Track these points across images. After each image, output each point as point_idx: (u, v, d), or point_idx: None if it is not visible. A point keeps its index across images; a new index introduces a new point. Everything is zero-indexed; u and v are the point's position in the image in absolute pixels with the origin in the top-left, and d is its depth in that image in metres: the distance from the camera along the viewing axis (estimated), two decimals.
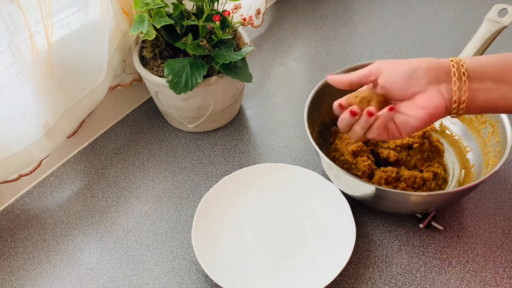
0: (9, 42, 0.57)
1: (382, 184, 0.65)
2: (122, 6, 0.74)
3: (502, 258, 0.62)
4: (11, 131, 0.64)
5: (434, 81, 0.47)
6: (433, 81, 0.47)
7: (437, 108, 0.47)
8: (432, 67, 0.48)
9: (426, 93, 0.47)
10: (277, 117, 0.85)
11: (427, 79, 0.47)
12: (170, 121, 0.84)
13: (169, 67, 0.70)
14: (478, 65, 0.48)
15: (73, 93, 0.72)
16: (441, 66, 0.48)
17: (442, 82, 0.48)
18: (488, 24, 0.67)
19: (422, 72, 0.47)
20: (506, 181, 0.71)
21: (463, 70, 0.47)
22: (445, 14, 1.06)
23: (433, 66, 0.48)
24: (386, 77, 0.49)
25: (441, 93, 0.47)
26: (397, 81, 0.48)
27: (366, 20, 1.07)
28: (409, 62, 0.49)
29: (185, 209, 0.71)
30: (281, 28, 1.06)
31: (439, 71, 0.48)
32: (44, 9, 0.62)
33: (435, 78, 0.47)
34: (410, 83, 0.48)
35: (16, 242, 0.68)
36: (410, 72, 0.48)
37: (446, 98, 0.47)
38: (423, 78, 0.47)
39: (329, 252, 0.63)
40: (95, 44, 0.71)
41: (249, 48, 0.74)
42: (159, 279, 0.63)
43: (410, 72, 0.48)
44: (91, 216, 0.71)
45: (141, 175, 0.77)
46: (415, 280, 0.61)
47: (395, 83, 0.48)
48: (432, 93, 0.47)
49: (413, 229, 0.66)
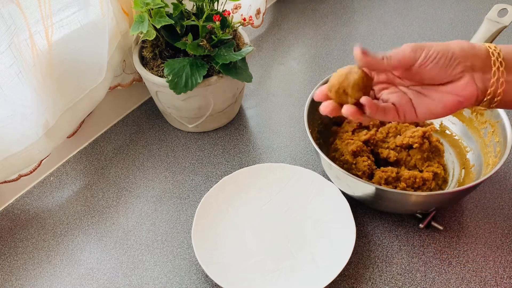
0: (9, 42, 0.57)
1: (382, 184, 0.65)
2: (122, 6, 0.74)
3: (502, 258, 0.62)
4: (11, 131, 0.64)
5: (469, 69, 0.44)
6: (468, 69, 0.44)
7: (469, 98, 0.44)
8: (468, 55, 0.44)
9: (460, 81, 0.44)
10: (277, 117, 0.85)
11: (462, 67, 0.44)
12: (170, 121, 0.84)
13: (169, 67, 0.70)
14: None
15: (73, 93, 0.72)
16: (477, 54, 0.45)
17: (477, 70, 0.44)
18: (488, 24, 0.68)
19: (458, 59, 0.44)
20: (506, 181, 0.71)
21: (500, 59, 0.44)
22: (445, 14, 1.07)
23: (469, 53, 0.44)
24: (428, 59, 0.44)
25: (475, 82, 0.44)
26: (433, 69, 0.44)
27: (366, 20, 1.07)
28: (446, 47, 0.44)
29: (185, 209, 0.71)
30: (281, 28, 1.06)
31: (475, 59, 0.44)
32: (44, 9, 0.62)
33: (470, 66, 0.44)
34: (446, 72, 0.44)
35: (16, 242, 0.68)
36: (447, 57, 0.44)
37: (480, 88, 0.44)
38: (459, 66, 0.44)
39: (329, 252, 0.63)
40: (95, 44, 0.71)
41: (249, 48, 0.74)
42: (159, 279, 0.63)
43: (447, 61, 0.44)
44: (91, 216, 0.71)
45: (141, 175, 0.77)
46: (415, 280, 0.61)
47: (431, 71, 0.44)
48: (466, 81, 0.44)
49: (413, 229, 0.66)
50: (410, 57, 0.44)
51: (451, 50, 0.44)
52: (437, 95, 0.45)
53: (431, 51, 0.44)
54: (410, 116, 0.46)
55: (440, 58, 0.43)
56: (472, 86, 0.44)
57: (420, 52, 0.44)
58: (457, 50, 0.44)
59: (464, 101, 0.44)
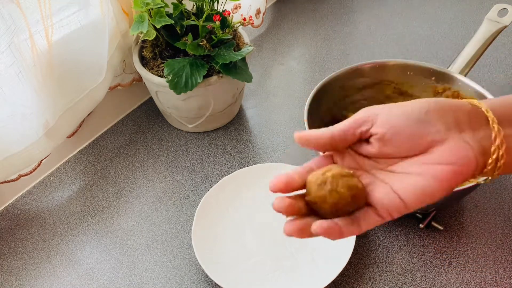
0: (9, 42, 0.57)
1: None
2: (122, 6, 0.74)
3: (503, 258, 0.62)
4: (11, 131, 0.64)
5: (454, 126, 0.33)
6: (452, 126, 0.33)
7: (466, 163, 0.33)
8: (446, 108, 0.34)
9: (446, 143, 0.33)
10: (277, 117, 0.85)
11: (443, 124, 0.33)
12: (170, 121, 0.84)
13: (169, 67, 0.70)
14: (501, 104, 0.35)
15: (73, 93, 0.72)
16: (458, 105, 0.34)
17: (464, 127, 0.33)
18: (488, 24, 0.68)
19: (435, 113, 0.33)
20: (507, 181, 0.71)
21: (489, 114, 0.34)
22: (445, 14, 1.06)
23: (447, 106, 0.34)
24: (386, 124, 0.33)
25: (467, 142, 0.33)
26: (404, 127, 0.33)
27: (366, 20, 1.07)
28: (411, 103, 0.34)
29: (185, 209, 0.71)
30: (281, 28, 1.06)
31: (458, 112, 0.34)
32: (44, 9, 0.62)
33: (454, 122, 0.33)
34: (423, 129, 0.33)
35: (16, 242, 0.68)
36: (420, 113, 0.33)
37: (475, 149, 0.33)
38: (439, 122, 0.33)
39: (329, 252, 0.63)
40: (95, 44, 0.71)
41: (249, 48, 0.74)
42: (159, 279, 0.63)
43: (419, 114, 0.33)
44: (91, 216, 0.71)
45: (141, 175, 0.77)
46: (415, 280, 0.61)
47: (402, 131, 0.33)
48: (454, 142, 0.33)
49: (413, 229, 0.66)
50: (360, 117, 0.35)
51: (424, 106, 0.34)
52: (421, 168, 0.33)
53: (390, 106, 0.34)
54: (398, 209, 0.33)
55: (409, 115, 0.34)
56: (464, 148, 0.33)
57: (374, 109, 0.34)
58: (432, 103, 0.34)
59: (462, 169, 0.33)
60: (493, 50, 0.89)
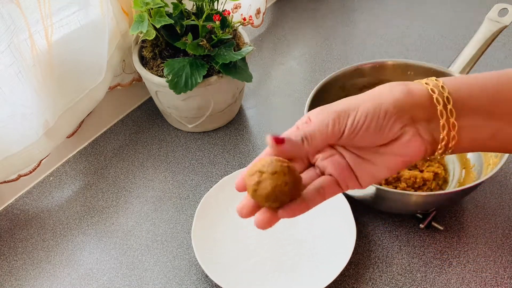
0: (9, 42, 0.57)
1: (383, 184, 0.65)
2: (122, 6, 0.74)
3: (503, 258, 0.62)
4: (11, 131, 0.64)
5: (410, 122, 0.36)
6: (409, 122, 0.36)
7: (415, 155, 0.37)
8: (404, 108, 0.35)
9: (402, 138, 0.36)
10: (277, 117, 0.85)
11: (400, 123, 0.35)
12: (170, 121, 0.84)
13: (169, 67, 0.70)
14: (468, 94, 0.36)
15: (73, 93, 0.72)
16: (416, 102, 0.36)
17: (420, 121, 0.36)
18: (489, 24, 0.67)
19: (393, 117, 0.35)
20: (507, 181, 0.71)
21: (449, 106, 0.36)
22: (445, 14, 1.06)
23: (405, 105, 0.36)
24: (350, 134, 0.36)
25: (420, 135, 0.36)
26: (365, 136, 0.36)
27: (366, 20, 1.07)
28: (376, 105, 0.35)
29: (185, 209, 0.71)
30: (281, 28, 1.06)
31: (415, 110, 0.36)
32: (43, 9, 0.62)
33: (410, 118, 0.36)
34: (382, 135, 0.36)
35: (15, 242, 0.68)
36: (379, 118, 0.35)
37: (426, 140, 0.36)
38: (396, 124, 0.35)
39: (329, 252, 0.63)
40: (95, 44, 0.71)
41: (249, 48, 0.74)
42: (159, 279, 0.63)
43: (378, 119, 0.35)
44: (91, 216, 0.71)
45: (141, 175, 0.77)
46: (415, 281, 0.61)
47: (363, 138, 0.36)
48: (409, 137, 0.36)
49: (413, 229, 0.66)
50: (334, 133, 0.36)
51: (383, 108, 0.35)
52: (379, 158, 0.37)
53: (358, 116, 0.35)
54: (353, 185, 0.39)
55: (370, 121, 0.35)
56: (416, 141, 0.36)
57: (344, 120, 0.35)
58: (391, 105, 0.35)
59: (411, 159, 0.37)
60: (494, 50, 0.89)
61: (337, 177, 0.38)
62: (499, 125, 0.36)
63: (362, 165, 0.38)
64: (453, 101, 0.36)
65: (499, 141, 0.37)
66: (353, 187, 0.39)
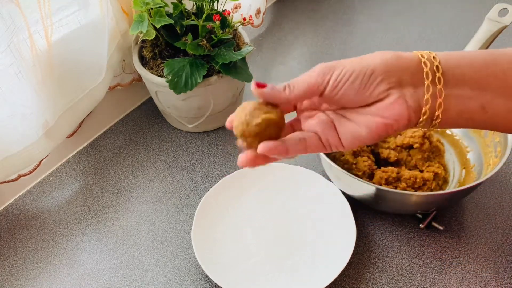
0: (9, 42, 0.57)
1: (383, 184, 0.65)
2: (122, 5, 0.74)
3: (503, 259, 0.62)
4: (11, 131, 0.64)
5: (396, 85, 0.36)
6: (395, 85, 0.36)
7: (398, 119, 0.36)
8: (393, 69, 0.36)
9: (385, 100, 0.36)
10: None
11: (386, 84, 0.36)
12: (170, 121, 0.84)
13: (169, 67, 0.70)
14: (456, 64, 0.37)
15: (73, 93, 0.72)
16: (405, 66, 0.37)
17: (406, 85, 0.36)
18: (489, 24, 0.67)
19: (380, 76, 0.36)
20: (507, 181, 0.71)
21: (438, 74, 0.36)
22: (445, 14, 1.06)
23: (394, 66, 0.36)
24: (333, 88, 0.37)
25: (405, 100, 0.36)
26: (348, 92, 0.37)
27: (366, 20, 1.07)
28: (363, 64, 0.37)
29: (185, 209, 0.71)
30: (281, 28, 1.06)
31: (402, 73, 0.36)
32: (43, 9, 0.62)
33: (397, 81, 0.36)
34: (366, 93, 0.36)
35: (15, 242, 0.68)
36: (365, 76, 0.36)
37: (412, 106, 0.36)
38: (382, 84, 0.36)
39: (329, 252, 0.63)
40: (94, 44, 0.71)
41: (249, 48, 0.74)
42: (159, 279, 0.63)
43: (364, 76, 0.36)
44: (91, 216, 0.71)
45: (140, 175, 0.76)
46: (415, 281, 0.61)
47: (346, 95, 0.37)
48: (393, 100, 0.36)
49: (413, 229, 0.66)
50: (317, 83, 0.37)
51: (371, 67, 0.36)
52: (361, 118, 0.37)
53: (343, 72, 0.37)
54: (335, 144, 0.39)
55: (355, 78, 0.36)
56: (400, 105, 0.36)
57: (329, 74, 0.37)
58: (378, 65, 0.36)
59: (393, 123, 0.36)
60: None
61: (320, 133, 0.39)
62: (488, 97, 0.37)
63: (345, 123, 0.38)
64: (442, 70, 0.37)
65: (488, 114, 0.37)
66: (335, 145, 0.39)
